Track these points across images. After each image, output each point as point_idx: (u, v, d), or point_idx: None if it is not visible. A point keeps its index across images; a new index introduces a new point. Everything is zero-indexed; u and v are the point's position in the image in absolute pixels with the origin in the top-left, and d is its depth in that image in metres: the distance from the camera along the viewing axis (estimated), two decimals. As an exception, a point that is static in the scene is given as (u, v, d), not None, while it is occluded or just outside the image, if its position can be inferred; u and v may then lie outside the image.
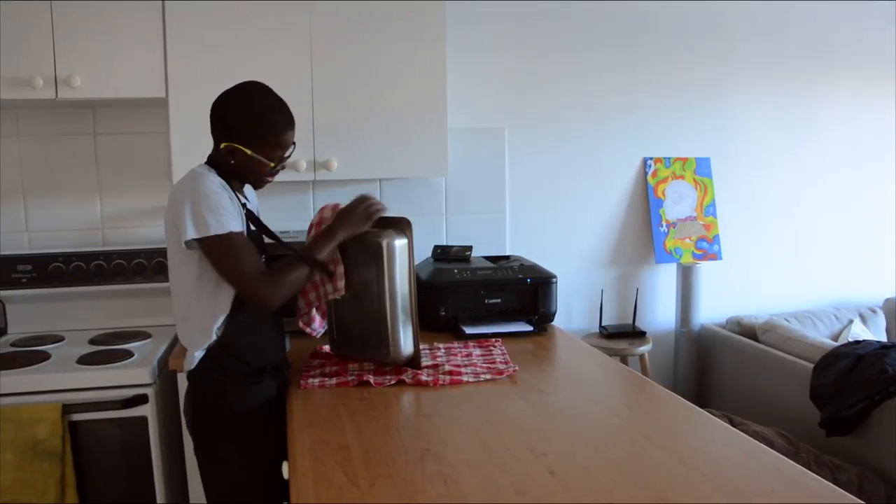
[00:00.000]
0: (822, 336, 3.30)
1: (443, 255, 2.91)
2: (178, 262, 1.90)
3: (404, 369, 2.09)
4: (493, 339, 2.46)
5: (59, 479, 2.32)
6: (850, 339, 3.31)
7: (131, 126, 2.97)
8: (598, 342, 3.18)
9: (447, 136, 2.84)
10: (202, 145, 2.70)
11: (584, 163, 3.40)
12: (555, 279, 2.72)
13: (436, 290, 2.61)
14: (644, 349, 3.20)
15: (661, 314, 3.57)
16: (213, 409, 1.91)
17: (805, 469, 1.47)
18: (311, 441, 1.65)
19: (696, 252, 3.50)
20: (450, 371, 2.10)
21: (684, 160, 3.50)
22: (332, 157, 2.74)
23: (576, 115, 3.37)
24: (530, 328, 2.60)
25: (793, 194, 3.65)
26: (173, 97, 2.63)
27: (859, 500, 1.33)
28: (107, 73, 2.59)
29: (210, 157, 1.99)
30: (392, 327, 2.05)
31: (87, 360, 2.48)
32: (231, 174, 1.96)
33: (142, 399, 2.39)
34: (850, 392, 2.69)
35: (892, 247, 3.79)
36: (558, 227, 3.41)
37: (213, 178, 1.89)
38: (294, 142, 1.98)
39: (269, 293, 1.82)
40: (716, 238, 3.52)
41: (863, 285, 3.77)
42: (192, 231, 1.80)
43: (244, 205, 1.99)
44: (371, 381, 2.01)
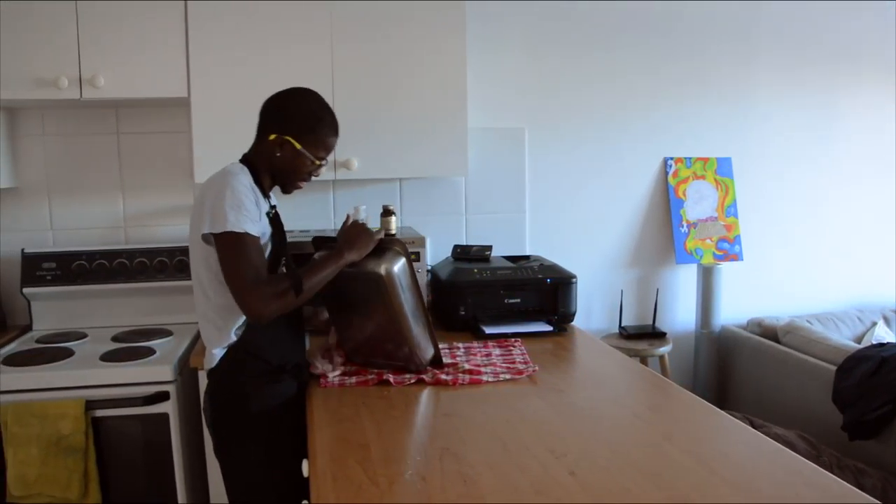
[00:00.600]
0: (844, 338, 3.27)
1: (462, 254, 2.91)
2: (200, 257, 1.91)
3: (425, 369, 2.10)
4: (513, 339, 2.46)
5: (82, 474, 2.35)
6: (874, 342, 3.27)
7: (153, 125, 3.00)
8: (618, 343, 3.16)
9: (467, 135, 2.84)
10: (223, 144, 2.71)
11: (604, 163, 3.39)
12: (575, 279, 2.71)
13: (455, 290, 2.61)
14: (664, 350, 3.19)
15: (681, 315, 3.55)
16: (234, 407, 1.93)
17: (828, 472, 1.45)
18: (330, 439, 1.65)
19: (717, 252, 3.47)
20: (469, 371, 2.10)
21: (705, 160, 3.48)
22: (352, 157, 2.74)
23: (596, 114, 3.36)
24: (550, 328, 2.59)
25: (815, 194, 3.62)
26: (195, 97, 2.65)
27: (883, 505, 1.32)
28: (130, 73, 2.62)
29: (245, 156, 2.01)
30: (413, 343, 2.05)
31: (109, 357, 2.51)
32: (268, 171, 1.98)
33: (163, 396, 2.42)
34: (873, 395, 2.66)
35: (916, 248, 3.75)
36: (578, 227, 3.40)
37: (244, 178, 1.90)
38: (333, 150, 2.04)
39: (261, 305, 1.78)
40: (737, 238, 3.49)
41: (887, 287, 3.72)
42: (210, 225, 1.81)
43: (273, 206, 2.00)
44: (391, 380, 2.02)
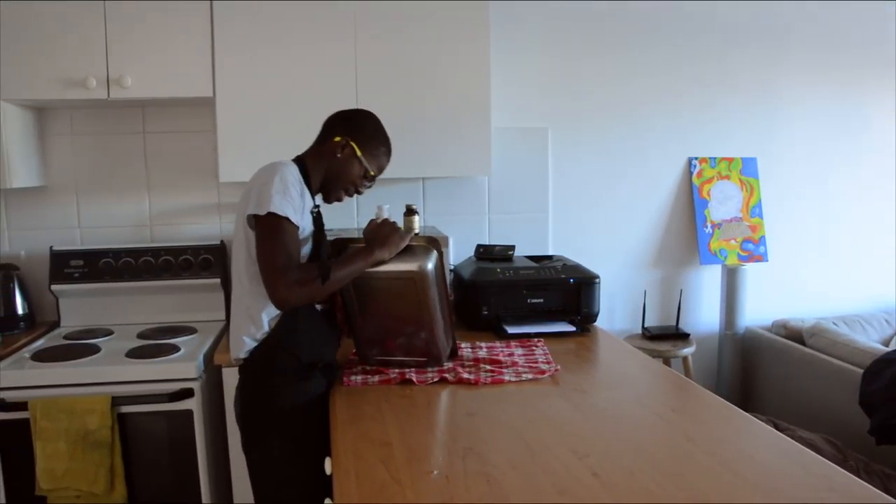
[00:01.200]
0: (871, 341, 3.23)
1: (486, 254, 2.91)
2: (242, 242, 1.94)
3: (447, 368, 2.10)
4: (536, 339, 2.45)
5: (108, 469, 2.38)
6: (902, 345, 3.23)
7: (179, 125, 3.04)
8: (641, 343, 3.15)
9: (490, 135, 2.84)
10: (248, 143, 2.74)
11: (627, 163, 3.38)
12: (598, 279, 2.70)
13: (478, 290, 2.61)
14: (687, 351, 3.17)
15: (704, 316, 3.52)
16: (262, 402, 1.95)
17: (855, 477, 1.44)
18: (354, 437, 1.66)
19: (742, 253, 3.44)
20: (491, 370, 2.10)
21: (730, 160, 3.45)
22: (375, 156, 2.75)
23: (620, 114, 3.35)
24: (572, 328, 2.59)
25: (843, 195, 3.58)
26: (220, 96, 2.68)
27: (912, 510, 1.30)
28: (156, 72, 2.65)
29: (299, 156, 2.06)
30: (436, 336, 2.07)
31: (135, 354, 2.54)
32: (320, 172, 2.04)
33: (188, 393, 2.44)
34: (901, 399, 2.63)
35: (946, 250, 3.69)
36: (601, 227, 3.39)
37: (294, 170, 1.95)
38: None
39: (286, 290, 1.81)
40: (762, 239, 3.46)
41: (915, 289, 3.68)
42: (254, 206, 1.85)
43: (317, 206, 2.03)
44: (414, 379, 2.02)
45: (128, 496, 2.43)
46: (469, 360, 2.21)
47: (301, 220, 1.90)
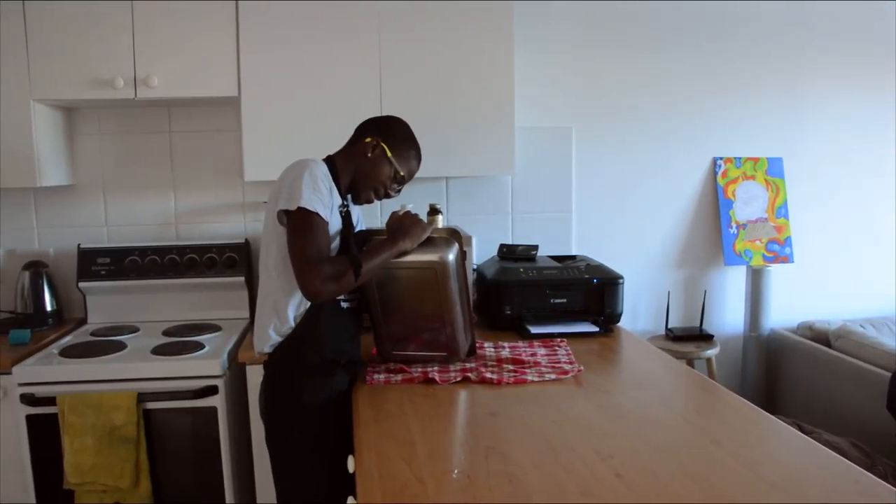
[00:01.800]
0: (899, 343, 3.18)
1: (509, 253, 2.90)
2: (272, 237, 1.97)
3: (470, 368, 2.10)
4: (558, 339, 2.45)
5: (134, 464, 2.41)
6: (931, 348, 3.18)
7: (205, 124, 3.06)
8: (664, 344, 3.13)
9: (514, 134, 2.83)
10: (273, 142, 2.76)
11: (652, 163, 3.36)
12: (621, 280, 2.68)
13: (501, 289, 2.61)
14: (711, 353, 3.14)
15: (729, 317, 3.49)
16: (285, 398, 1.97)
17: (883, 482, 1.42)
18: (376, 436, 1.66)
19: (767, 254, 3.41)
20: (514, 370, 2.10)
21: (755, 160, 3.42)
22: (399, 156, 2.76)
23: (644, 114, 3.33)
24: (595, 329, 2.58)
25: (869, 195, 3.52)
26: (245, 96, 2.70)
27: (941, 516, 1.28)
28: (182, 72, 2.68)
29: (329, 156, 2.09)
30: (456, 330, 2.08)
31: (160, 351, 2.56)
32: (350, 173, 2.07)
33: (212, 390, 2.46)
34: (929, 402, 2.59)
35: (976, 252, 3.63)
36: (625, 228, 3.37)
37: (323, 167, 1.99)
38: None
39: (318, 283, 1.84)
40: (787, 240, 3.43)
41: (944, 291, 3.62)
42: (285, 201, 1.88)
43: (345, 205, 2.05)
44: (436, 379, 2.03)
45: (152, 492, 2.46)
46: (492, 359, 2.21)
47: (329, 216, 1.92)
